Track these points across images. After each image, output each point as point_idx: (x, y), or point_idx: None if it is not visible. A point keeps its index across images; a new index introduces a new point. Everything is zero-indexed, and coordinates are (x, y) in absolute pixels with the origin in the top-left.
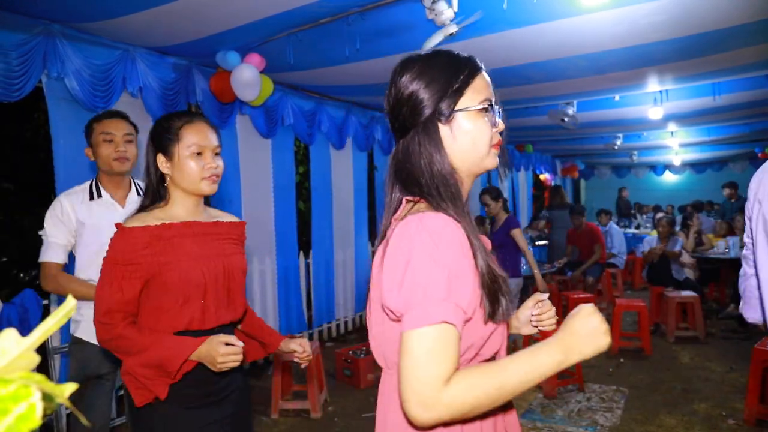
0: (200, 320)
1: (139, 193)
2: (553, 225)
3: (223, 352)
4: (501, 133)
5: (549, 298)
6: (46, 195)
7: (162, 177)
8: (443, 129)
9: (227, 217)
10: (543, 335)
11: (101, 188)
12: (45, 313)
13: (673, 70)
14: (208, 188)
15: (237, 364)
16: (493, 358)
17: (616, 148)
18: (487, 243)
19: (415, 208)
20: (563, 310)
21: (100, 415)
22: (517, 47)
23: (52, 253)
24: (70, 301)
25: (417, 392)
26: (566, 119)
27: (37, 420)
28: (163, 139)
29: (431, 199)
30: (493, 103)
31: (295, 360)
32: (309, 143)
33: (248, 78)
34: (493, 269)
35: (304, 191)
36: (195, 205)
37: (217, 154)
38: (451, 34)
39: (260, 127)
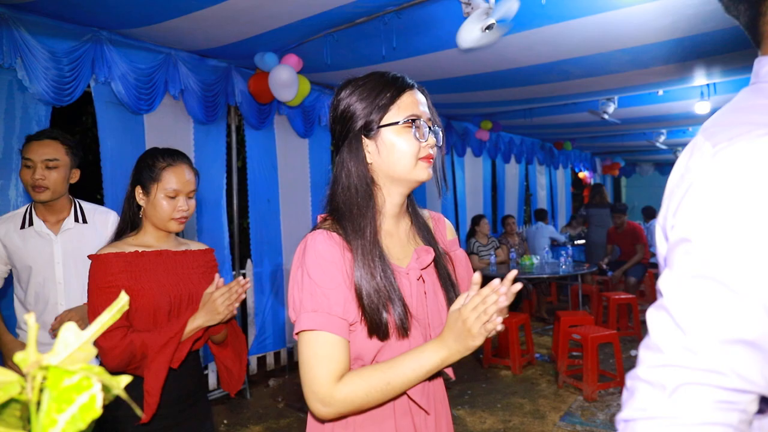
0: None
1: (77, 219)
2: (591, 224)
3: (218, 297)
4: (437, 148)
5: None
6: (93, 195)
7: (138, 206)
8: (369, 144)
9: (195, 246)
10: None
11: (34, 215)
12: None
13: (723, 63)
14: (175, 227)
15: (240, 299)
16: None
17: (659, 144)
18: (427, 254)
19: (319, 225)
20: (604, 311)
21: None
22: (555, 43)
23: None
24: (123, 298)
25: (314, 391)
26: (607, 116)
27: (97, 410)
28: (144, 175)
29: (336, 217)
30: (423, 120)
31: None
32: None
33: (286, 78)
34: (379, 290)
35: None
36: (165, 236)
37: (190, 197)
38: (488, 28)
39: (297, 127)
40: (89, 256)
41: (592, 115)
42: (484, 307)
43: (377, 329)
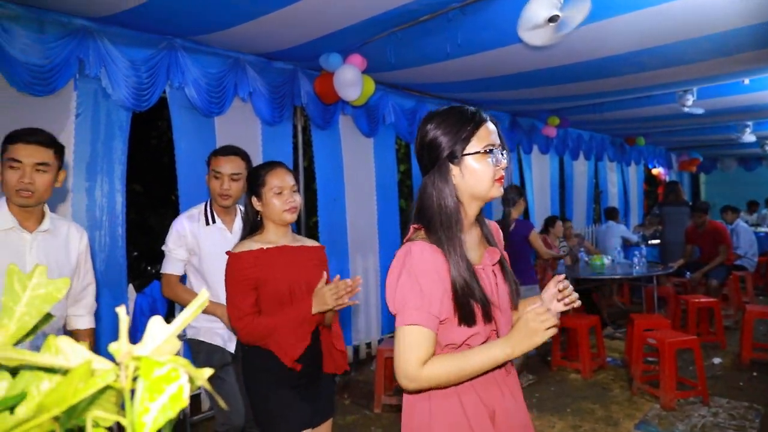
0: None
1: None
2: (667, 223)
3: (327, 291)
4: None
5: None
6: (168, 195)
7: (257, 212)
8: (454, 169)
9: (309, 242)
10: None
11: (215, 214)
12: (170, 303)
13: None
14: (289, 217)
15: (351, 293)
16: None
17: (744, 138)
18: (495, 254)
19: (415, 235)
20: (683, 315)
21: (232, 398)
22: (629, 33)
23: (171, 267)
24: (204, 295)
25: (404, 369)
26: (687, 108)
27: (185, 400)
28: (253, 185)
29: (429, 228)
30: (495, 147)
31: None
32: (410, 141)
33: (350, 78)
34: (468, 284)
35: (405, 189)
36: (283, 233)
37: (294, 191)
38: (552, 19)
39: (362, 126)
40: (227, 252)
41: (667, 109)
42: (545, 315)
43: (468, 318)
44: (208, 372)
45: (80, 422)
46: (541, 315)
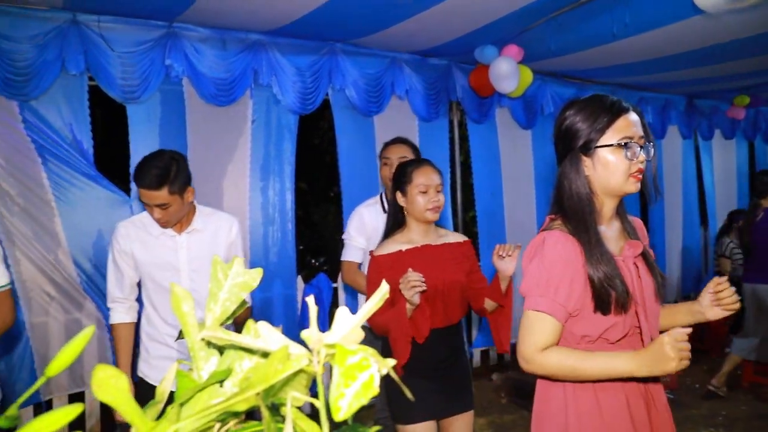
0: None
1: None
2: None
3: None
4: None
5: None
6: (327, 192)
7: (401, 208)
8: (587, 160)
9: (454, 238)
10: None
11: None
12: (334, 294)
13: None
14: (432, 216)
15: (421, 287)
16: (618, 343)
17: None
18: (636, 246)
19: (551, 225)
20: None
21: None
22: None
23: (351, 254)
24: (384, 287)
25: (522, 350)
26: None
27: (376, 388)
28: (400, 182)
29: (564, 218)
30: (634, 140)
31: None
32: None
33: (506, 70)
34: (604, 273)
35: None
36: (425, 230)
37: (439, 190)
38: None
39: (519, 118)
40: (370, 253)
41: None
42: (683, 343)
43: (603, 306)
44: (392, 362)
45: (276, 400)
46: (678, 342)
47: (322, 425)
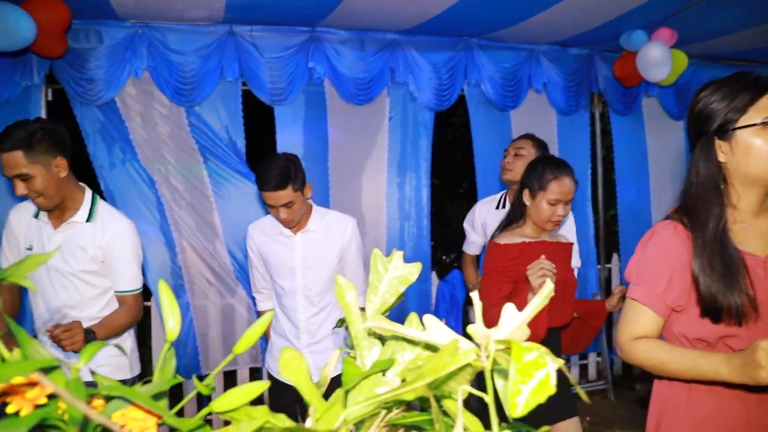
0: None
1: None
2: None
3: (529, 271)
4: None
5: None
6: (458, 188)
7: (524, 205)
8: (723, 145)
9: (562, 238)
10: None
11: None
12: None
13: None
14: (551, 228)
15: (551, 276)
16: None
17: None
18: None
19: (671, 215)
20: None
21: None
22: None
23: (466, 246)
24: (549, 285)
25: (617, 338)
26: None
27: (553, 387)
28: (532, 181)
29: (685, 209)
30: None
31: None
32: None
33: (657, 56)
34: (716, 274)
35: None
36: (541, 229)
37: (568, 203)
38: None
39: (670, 107)
40: (489, 242)
41: None
42: None
43: (711, 311)
44: (560, 361)
45: (438, 392)
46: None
47: (492, 420)
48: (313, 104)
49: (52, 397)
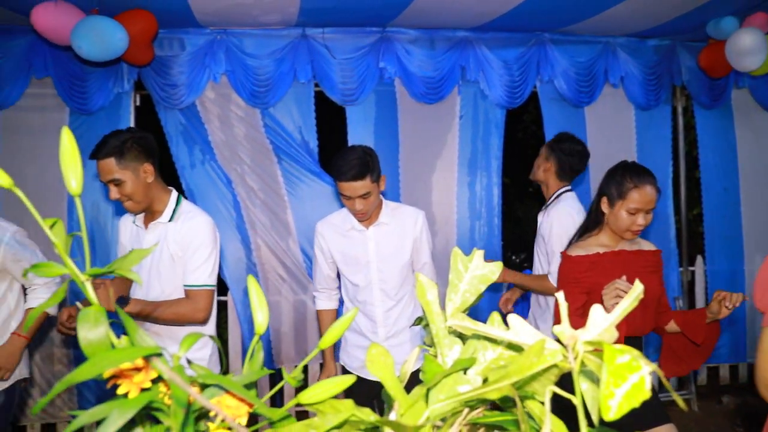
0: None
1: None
2: None
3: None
4: None
5: None
6: (528, 187)
7: (602, 212)
8: None
9: (646, 246)
10: None
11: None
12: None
13: None
14: (630, 237)
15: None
16: None
17: None
18: None
19: None
20: None
21: None
22: None
23: None
24: (639, 287)
25: (758, 376)
26: None
27: (647, 391)
28: (611, 188)
29: None
30: None
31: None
32: None
33: (750, 43)
34: None
35: None
36: (619, 237)
37: (649, 211)
38: None
39: (764, 99)
40: (561, 253)
41: None
42: None
43: None
44: (653, 366)
45: (521, 393)
46: None
47: (580, 423)
48: (384, 104)
49: (155, 381)
